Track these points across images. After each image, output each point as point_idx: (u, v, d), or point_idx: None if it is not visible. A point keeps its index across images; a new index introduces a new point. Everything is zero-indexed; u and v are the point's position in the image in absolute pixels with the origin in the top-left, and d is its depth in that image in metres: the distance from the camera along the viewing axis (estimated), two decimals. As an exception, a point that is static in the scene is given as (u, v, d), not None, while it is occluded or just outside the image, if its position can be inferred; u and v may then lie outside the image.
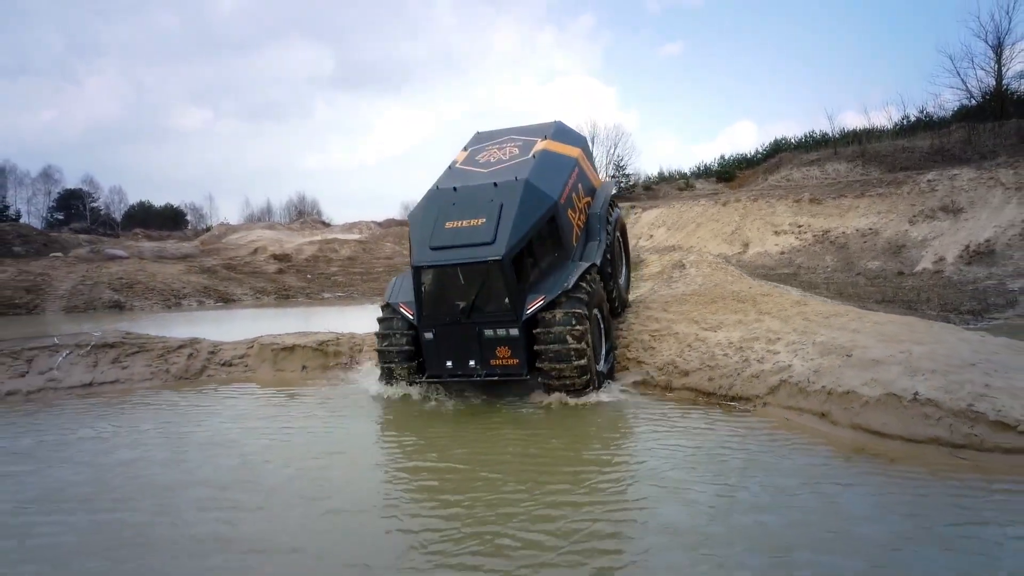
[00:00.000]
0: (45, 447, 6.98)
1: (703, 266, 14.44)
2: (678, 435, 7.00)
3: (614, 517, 4.94)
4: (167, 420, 7.97)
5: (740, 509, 5.00)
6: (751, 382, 8.16)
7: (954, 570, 4.04)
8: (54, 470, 6.23)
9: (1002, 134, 34.02)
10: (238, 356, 10.62)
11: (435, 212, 8.62)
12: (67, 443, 7.09)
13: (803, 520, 4.81)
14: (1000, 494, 5.21)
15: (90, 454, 6.68)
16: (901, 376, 6.91)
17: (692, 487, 5.47)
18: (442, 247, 8.20)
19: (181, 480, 5.90)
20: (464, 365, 8.34)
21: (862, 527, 4.67)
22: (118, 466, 6.29)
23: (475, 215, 8.36)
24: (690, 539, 4.49)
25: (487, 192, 8.59)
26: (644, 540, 4.53)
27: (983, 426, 6.14)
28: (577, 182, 9.75)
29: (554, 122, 10.82)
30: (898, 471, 5.76)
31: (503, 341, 8.16)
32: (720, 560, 4.18)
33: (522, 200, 8.34)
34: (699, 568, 4.10)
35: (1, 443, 7.19)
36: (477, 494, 5.41)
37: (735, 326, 9.37)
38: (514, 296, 8.01)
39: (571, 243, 9.15)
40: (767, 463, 6.09)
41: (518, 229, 8.12)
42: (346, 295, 25.35)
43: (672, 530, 4.65)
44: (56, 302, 21.08)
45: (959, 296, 17.03)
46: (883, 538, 4.48)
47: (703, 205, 30.60)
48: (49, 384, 9.47)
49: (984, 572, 4.02)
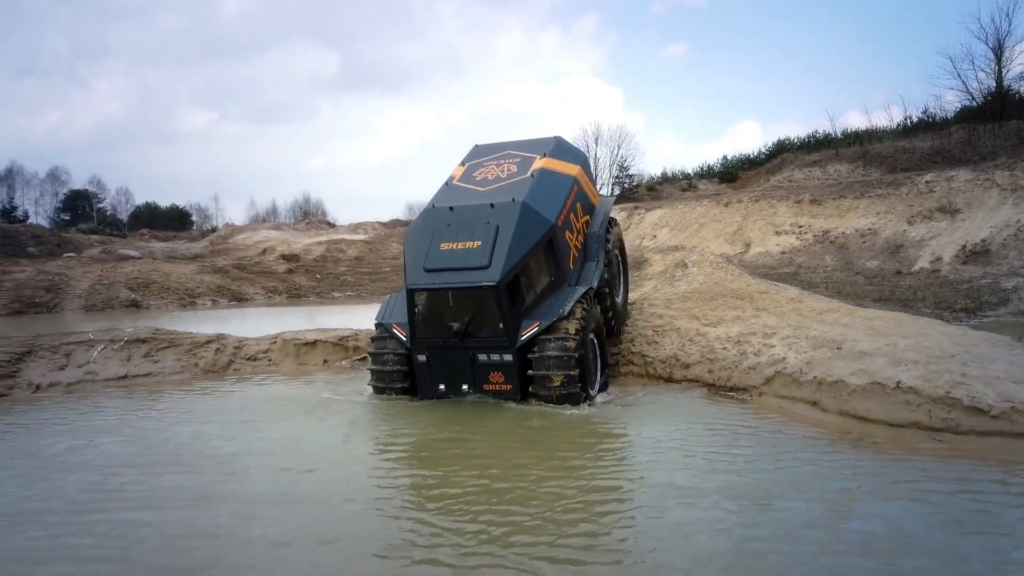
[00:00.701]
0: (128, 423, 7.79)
1: (704, 265, 15.02)
2: (682, 415, 7.60)
3: (626, 476, 5.54)
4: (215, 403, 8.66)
5: (734, 469, 5.60)
6: (748, 373, 8.75)
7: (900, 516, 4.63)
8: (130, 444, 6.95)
9: (1002, 135, 34.50)
10: (262, 351, 11.24)
11: (431, 232, 8.50)
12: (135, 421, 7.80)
13: (786, 479, 5.45)
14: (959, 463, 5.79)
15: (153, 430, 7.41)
16: (886, 366, 7.50)
17: (696, 452, 6.08)
18: (436, 269, 8.12)
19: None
20: (457, 389, 8.31)
21: (830, 483, 5.33)
22: (185, 440, 7.02)
23: (470, 237, 8.25)
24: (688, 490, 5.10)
25: (483, 213, 8.46)
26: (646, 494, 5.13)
27: (959, 411, 6.72)
28: (576, 201, 9.62)
29: (554, 138, 10.51)
30: (875, 448, 6.36)
31: (497, 366, 8.10)
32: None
33: (519, 223, 8.20)
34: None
35: (86, 422, 7.89)
36: (507, 457, 6.01)
37: (734, 322, 9.96)
38: (509, 321, 7.91)
39: (568, 266, 8.98)
40: (761, 437, 6.72)
41: (514, 253, 8.00)
42: (355, 294, 26.00)
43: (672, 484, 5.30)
44: (75, 301, 21.76)
45: (954, 295, 17.58)
46: (841, 490, 5.07)
47: (706, 206, 31.17)
48: (87, 377, 10.10)
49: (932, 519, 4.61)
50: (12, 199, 66.21)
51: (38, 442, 7.28)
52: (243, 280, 26.15)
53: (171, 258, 30.46)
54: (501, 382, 8.15)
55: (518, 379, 8.08)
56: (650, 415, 7.96)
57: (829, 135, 45.31)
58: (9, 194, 66.62)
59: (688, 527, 4.66)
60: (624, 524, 4.81)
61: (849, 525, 4.68)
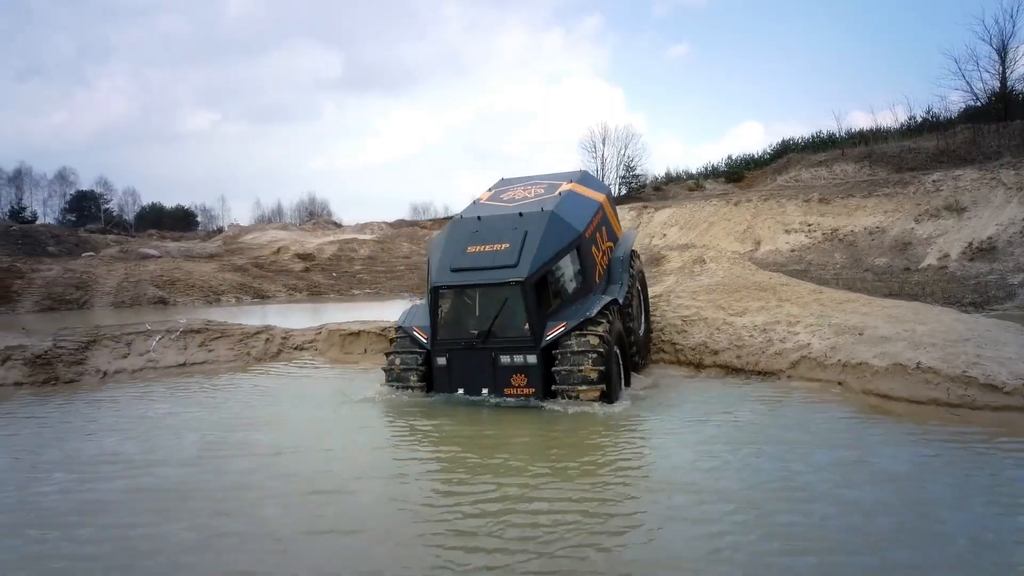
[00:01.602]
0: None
1: (722, 261, 15.69)
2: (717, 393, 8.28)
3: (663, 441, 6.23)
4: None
5: (775, 425, 6.28)
6: (775, 358, 9.42)
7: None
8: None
9: (1006, 135, 35.16)
10: (308, 341, 11.91)
11: (457, 239, 8.59)
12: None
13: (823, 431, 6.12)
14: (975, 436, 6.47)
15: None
16: (906, 349, 8.16)
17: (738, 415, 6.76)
18: (463, 269, 8.18)
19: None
20: (476, 393, 8.11)
21: (861, 434, 5.99)
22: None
23: (498, 240, 8.28)
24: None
25: (512, 221, 8.54)
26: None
27: (975, 388, 7.38)
28: (601, 224, 9.70)
29: (580, 170, 10.96)
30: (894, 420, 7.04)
31: (519, 369, 7.97)
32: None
33: (547, 229, 8.29)
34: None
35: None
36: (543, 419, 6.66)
37: (758, 312, 10.63)
38: (534, 321, 7.87)
39: (594, 279, 8.95)
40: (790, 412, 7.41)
41: (542, 254, 8.06)
42: (374, 292, 26.67)
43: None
44: (104, 298, 22.43)
45: (962, 290, 18.24)
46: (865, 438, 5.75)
47: (715, 205, 31.82)
48: (148, 364, 10.77)
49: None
50: (21, 200, 66.87)
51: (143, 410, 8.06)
52: (263, 278, 26.84)
53: (188, 257, 31.13)
54: (523, 385, 7.96)
55: (541, 382, 7.91)
56: (690, 401, 8.63)
57: (833, 135, 46.02)
58: (18, 195, 67.29)
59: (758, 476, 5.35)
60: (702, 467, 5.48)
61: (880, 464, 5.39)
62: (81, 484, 5.69)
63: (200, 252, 34.86)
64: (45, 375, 10.00)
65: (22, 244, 31.70)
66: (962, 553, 4.10)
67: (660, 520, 4.64)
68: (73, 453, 6.67)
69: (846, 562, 4.01)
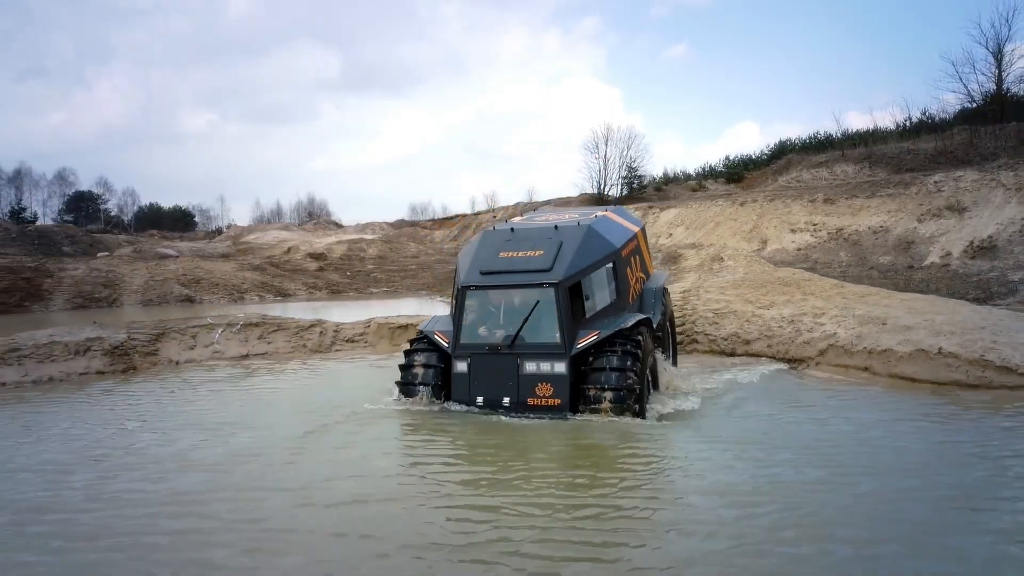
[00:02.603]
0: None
1: (740, 259, 16.62)
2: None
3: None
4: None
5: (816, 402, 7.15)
6: (803, 347, 10.31)
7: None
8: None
9: (1002, 136, 36.29)
10: (358, 334, 12.71)
11: (489, 245, 8.46)
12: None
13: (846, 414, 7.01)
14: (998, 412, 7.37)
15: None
16: (927, 337, 9.07)
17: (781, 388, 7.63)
18: (494, 272, 8.00)
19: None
20: (497, 402, 7.60)
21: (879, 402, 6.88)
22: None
23: (533, 248, 8.13)
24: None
25: (547, 232, 8.41)
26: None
27: (992, 371, 8.29)
28: (635, 252, 9.50)
29: (615, 206, 11.27)
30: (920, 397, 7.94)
31: (546, 378, 7.50)
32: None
33: (584, 241, 8.14)
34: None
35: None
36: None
37: (785, 304, 11.52)
38: (565, 327, 7.50)
39: (627, 300, 8.66)
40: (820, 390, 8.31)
41: (577, 262, 7.87)
42: (391, 290, 27.48)
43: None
44: (132, 296, 23.14)
45: (964, 286, 19.22)
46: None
47: (721, 205, 32.78)
48: (215, 355, 11.55)
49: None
50: (20, 200, 67.22)
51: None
52: (282, 277, 27.59)
53: (204, 257, 31.80)
54: (549, 395, 7.46)
55: (569, 393, 7.42)
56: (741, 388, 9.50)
57: (831, 136, 47.09)
58: (18, 195, 67.64)
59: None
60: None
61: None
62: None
63: (212, 252, 35.52)
64: (124, 364, 10.78)
65: (38, 244, 32.30)
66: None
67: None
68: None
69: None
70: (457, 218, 59.16)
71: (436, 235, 53.61)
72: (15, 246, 31.25)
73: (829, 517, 4.54)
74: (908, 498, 4.91)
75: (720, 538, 4.23)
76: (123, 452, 6.49)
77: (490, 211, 57.30)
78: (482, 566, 3.96)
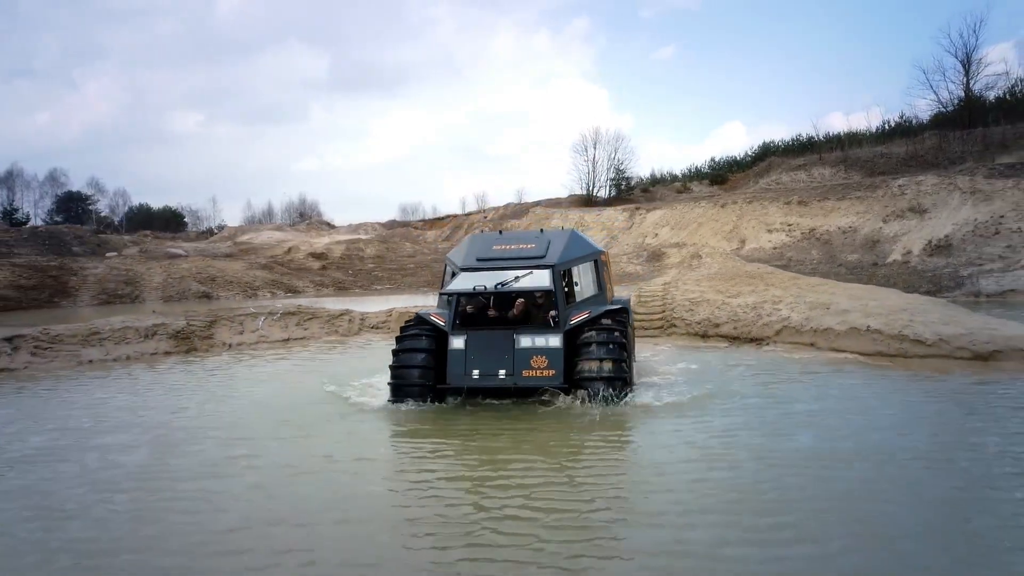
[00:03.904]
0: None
1: (716, 257, 18.83)
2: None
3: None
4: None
5: (762, 370, 9.29)
6: (763, 328, 12.48)
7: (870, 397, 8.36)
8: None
9: (969, 141, 38.95)
10: (381, 321, 14.75)
11: (481, 241, 9.50)
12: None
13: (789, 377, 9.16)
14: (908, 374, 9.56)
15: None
16: (860, 318, 11.26)
17: (739, 362, 9.77)
18: (490, 259, 8.83)
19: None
20: (493, 375, 8.14)
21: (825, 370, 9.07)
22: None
23: (524, 243, 9.22)
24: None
25: (534, 234, 9.61)
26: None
27: (907, 343, 10.48)
28: (605, 265, 10.34)
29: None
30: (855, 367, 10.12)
31: (541, 351, 8.15)
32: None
33: (570, 239, 9.30)
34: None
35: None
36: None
37: (750, 294, 13.70)
38: (560, 304, 8.36)
39: (607, 296, 9.76)
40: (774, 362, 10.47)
41: (567, 254, 8.92)
42: (394, 287, 29.50)
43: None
44: (153, 292, 25.01)
45: (920, 280, 21.56)
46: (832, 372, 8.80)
47: (703, 207, 35.07)
48: (261, 340, 13.55)
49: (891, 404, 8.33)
50: (12, 201, 68.43)
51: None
52: (289, 275, 29.54)
53: (211, 257, 33.63)
54: (544, 367, 8.06)
55: (563, 365, 8.09)
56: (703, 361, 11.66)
57: (812, 138, 49.70)
58: (10, 196, 68.83)
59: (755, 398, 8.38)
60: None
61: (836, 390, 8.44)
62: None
63: (214, 252, 37.33)
64: (186, 346, 12.77)
65: (49, 245, 33.98)
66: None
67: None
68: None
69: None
70: (448, 219, 60.99)
71: (428, 235, 55.45)
72: (27, 246, 32.93)
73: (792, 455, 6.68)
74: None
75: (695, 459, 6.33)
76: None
77: (480, 211, 59.33)
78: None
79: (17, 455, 6.59)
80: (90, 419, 7.99)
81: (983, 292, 19.69)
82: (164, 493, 5.40)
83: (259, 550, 4.29)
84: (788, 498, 4.99)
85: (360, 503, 5.14)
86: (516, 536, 4.44)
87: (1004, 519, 4.58)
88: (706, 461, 5.91)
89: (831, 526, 4.49)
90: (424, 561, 4.15)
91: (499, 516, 4.80)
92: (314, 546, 4.35)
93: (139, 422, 7.81)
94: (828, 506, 4.83)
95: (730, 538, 4.31)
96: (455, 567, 4.08)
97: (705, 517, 4.66)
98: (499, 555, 4.21)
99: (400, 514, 4.93)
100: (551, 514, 4.78)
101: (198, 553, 4.30)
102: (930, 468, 5.62)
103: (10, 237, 32.80)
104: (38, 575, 4.13)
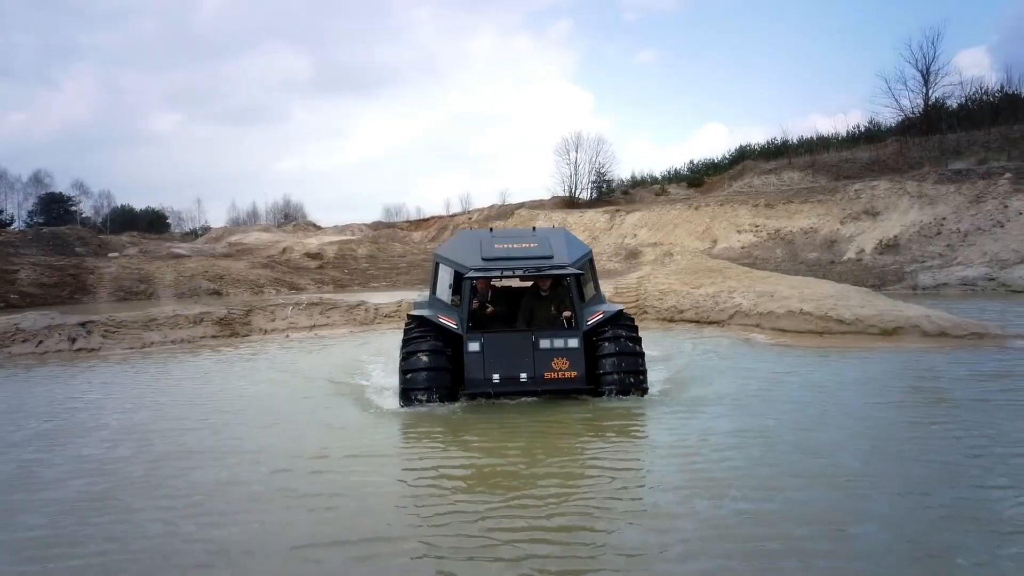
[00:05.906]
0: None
1: (686, 255, 21.51)
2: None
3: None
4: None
5: (715, 350, 11.88)
6: (719, 313, 15.13)
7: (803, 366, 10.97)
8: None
9: (928, 147, 42.14)
10: (393, 311, 17.19)
11: (475, 240, 9.11)
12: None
13: (735, 352, 11.76)
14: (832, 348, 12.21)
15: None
16: (796, 303, 13.94)
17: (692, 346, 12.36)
18: (497, 258, 8.60)
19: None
20: (514, 378, 8.01)
21: (763, 358, 11.67)
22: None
23: (523, 241, 9.04)
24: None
25: (527, 232, 9.58)
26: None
27: (831, 323, 13.16)
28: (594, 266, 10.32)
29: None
30: (790, 343, 12.76)
31: (561, 352, 8.07)
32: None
33: (566, 239, 9.29)
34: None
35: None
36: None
37: (710, 285, 16.35)
38: (578, 306, 8.38)
39: (602, 296, 9.85)
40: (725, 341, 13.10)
41: (572, 253, 8.88)
42: (390, 284, 31.89)
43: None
44: (166, 290, 27.18)
45: (869, 276, 24.42)
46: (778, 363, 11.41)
47: (679, 209, 37.87)
48: (291, 326, 15.93)
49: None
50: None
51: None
52: (291, 273, 31.82)
53: (214, 256, 35.77)
54: (565, 369, 8.03)
55: (584, 365, 8.11)
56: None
57: (786, 141, 52.90)
58: (-4, 199, 70.00)
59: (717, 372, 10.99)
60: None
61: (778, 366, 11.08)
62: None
63: (210, 252, 39.43)
64: (229, 332, 15.12)
65: (53, 245, 35.91)
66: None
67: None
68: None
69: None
70: (433, 219, 63.21)
71: (415, 236, 57.72)
72: (32, 247, 34.85)
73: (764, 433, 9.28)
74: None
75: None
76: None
77: (465, 213, 61.76)
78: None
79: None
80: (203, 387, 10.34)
81: (920, 286, 22.58)
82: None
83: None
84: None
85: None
86: (516, 537, 4.40)
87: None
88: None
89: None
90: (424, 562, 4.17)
91: (501, 506, 4.87)
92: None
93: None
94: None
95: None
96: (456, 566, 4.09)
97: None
98: (499, 554, 4.18)
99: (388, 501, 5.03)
100: (556, 516, 4.71)
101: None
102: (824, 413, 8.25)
103: (17, 239, 34.68)
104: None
